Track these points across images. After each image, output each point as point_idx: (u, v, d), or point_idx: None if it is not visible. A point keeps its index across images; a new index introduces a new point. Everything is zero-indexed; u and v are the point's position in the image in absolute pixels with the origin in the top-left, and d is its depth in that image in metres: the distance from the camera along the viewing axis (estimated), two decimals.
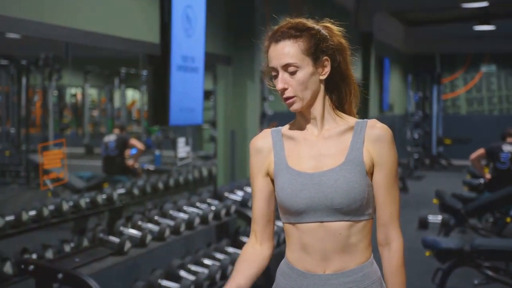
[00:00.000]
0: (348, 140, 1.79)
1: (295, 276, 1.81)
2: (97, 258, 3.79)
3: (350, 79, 1.89)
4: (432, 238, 5.28)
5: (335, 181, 1.74)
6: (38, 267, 3.41)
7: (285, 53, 1.75)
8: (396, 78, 15.86)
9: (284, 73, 1.76)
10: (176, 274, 4.27)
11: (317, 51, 1.78)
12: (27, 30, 3.98)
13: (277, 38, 1.77)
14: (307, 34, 1.78)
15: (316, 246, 1.77)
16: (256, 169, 1.88)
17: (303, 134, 1.84)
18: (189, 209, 4.93)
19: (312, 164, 1.79)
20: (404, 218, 8.63)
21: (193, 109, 5.53)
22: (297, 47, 1.75)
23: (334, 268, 1.77)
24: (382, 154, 1.78)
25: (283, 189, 1.79)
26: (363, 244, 1.79)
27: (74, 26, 4.28)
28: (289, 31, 1.77)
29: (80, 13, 4.40)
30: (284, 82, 1.76)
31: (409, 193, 10.84)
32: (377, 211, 1.82)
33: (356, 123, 1.81)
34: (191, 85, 5.47)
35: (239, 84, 6.56)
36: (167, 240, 4.34)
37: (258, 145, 1.88)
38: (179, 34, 5.23)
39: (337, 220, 1.75)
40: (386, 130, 1.81)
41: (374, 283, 1.81)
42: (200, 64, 5.57)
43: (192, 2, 5.39)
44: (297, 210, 1.77)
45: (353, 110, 1.90)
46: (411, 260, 6.27)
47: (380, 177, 1.78)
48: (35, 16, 3.94)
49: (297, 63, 1.75)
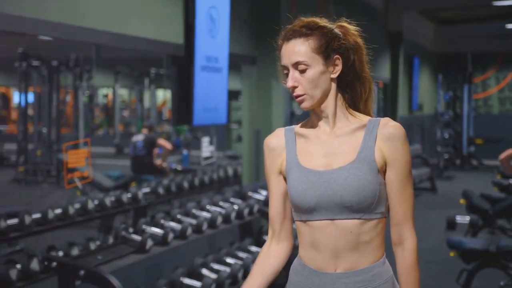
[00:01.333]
0: (360, 138, 1.79)
1: (306, 273, 1.82)
2: (119, 256, 3.84)
3: (365, 78, 1.88)
4: (457, 239, 5.22)
5: (345, 179, 1.74)
6: (60, 264, 3.47)
7: (295, 51, 1.76)
8: (426, 78, 15.72)
9: (294, 71, 1.77)
10: (198, 272, 4.30)
11: (328, 50, 1.78)
12: (58, 32, 4.08)
13: (289, 37, 1.78)
14: (318, 33, 1.78)
15: (326, 243, 1.77)
16: (270, 168, 1.90)
17: (315, 132, 1.85)
18: (212, 208, 4.96)
19: (323, 162, 1.79)
20: (432, 218, 8.57)
21: (217, 108, 5.57)
22: (307, 46, 1.76)
23: (345, 267, 1.78)
24: (394, 153, 1.77)
25: (294, 186, 1.80)
26: (374, 242, 1.78)
27: (101, 28, 4.35)
28: (300, 30, 1.78)
29: (108, 16, 4.47)
30: (294, 80, 1.77)
31: (438, 194, 10.74)
32: (390, 210, 1.81)
33: (369, 121, 1.81)
34: (215, 85, 5.51)
35: (264, 84, 6.58)
36: (189, 239, 4.37)
37: (272, 144, 1.90)
38: (203, 35, 5.27)
39: (347, 218, 1.75)
40: (399, 128, 1.79)
41: (385, 283, 1.79)
42: (224, 64, 5.61)
43: (216, 3, 5.43)
44: (307, 207, 1.78)
45: (368, 109, 1.89)
46: (436, 261, 6.23)
47: (393, 176, 1.77)
48: (66, 19, 4.03)
49: (307, 61, 1.76)
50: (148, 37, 4.93)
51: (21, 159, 11.02)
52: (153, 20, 5.01)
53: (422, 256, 6.85)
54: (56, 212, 4.65)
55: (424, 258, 6.34)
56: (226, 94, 5.75)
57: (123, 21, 4.64)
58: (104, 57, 14.60)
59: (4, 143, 13.98)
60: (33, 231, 4.46)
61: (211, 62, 5.43)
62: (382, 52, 11.37)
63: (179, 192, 5.84)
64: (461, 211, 8.22)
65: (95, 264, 3.63)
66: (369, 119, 1.83)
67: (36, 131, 11.34)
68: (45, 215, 4.55)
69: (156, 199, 5.60)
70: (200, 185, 6.09)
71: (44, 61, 10.57)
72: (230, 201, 5.27)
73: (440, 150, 13.37)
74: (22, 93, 11.28)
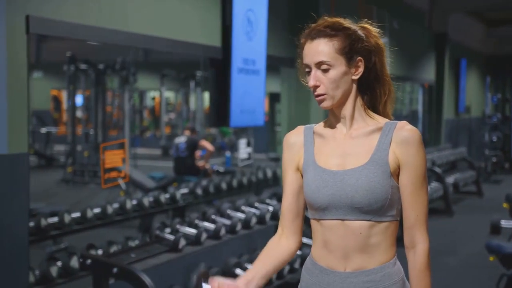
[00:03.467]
0: (375, 140, 1.80)
1: (317, 272, 1.84)
2: (152, 255, 3.92)
3: (385, 80, 1.88)
4: (496, 243, 5.12)
5: (357, 180, 1.75)
6: (95, 261, 3.56)
7: (319, 51, 1.77)
8: (474, 80, 15.43)
9: (317, 71, 1.78)
10: (231, 272, 4.34)
11: (351, 51, 1.79)
12: (105, 37, 4.22)
13: (313, 36, 1.79)
14: (343, 34, 1.79)
15: (337, 243, 1.79)
16: (287, 164, 1.92)
17: (333, 132, 1.86)
18: (247, 209, 5.01)
19: (337, 162, 1.80)
20: (476, 223, 8.42)
21: (254, 110, 5.61)
22: (332, 46, 1.77)
23: (354, 267, 1.79)
24: (408, 156, 1.77)
25: (308, 185, 1.82)
26: (384, 244, 1.78)
27: (143, 33, 4.47)
28: (324, 30, 1.79)
29: (149, 21, 4.59)
30: (316, 79, 1.78)
31: (484, 197, 10.54)
32: (403, 214, 1.81)
33: (386, 124, 1.81)
34: (252, 87, 5.56)
35: (303, 86, 6.58)
36: (223, 239, 4.43)
37: (291, 141, 1.92)
38: (240, 38, 5.33)
39: (357, 219, 1.76)
40: (414, 132, 1.79)
41: (395, 284, 1.79)
42: (261, 66, 5.66)
43: (254, 6, 5.48)
44: (319, 206, 1.79)
45: (387, 111, 1.89)
46: (478, 265, 6.12)
47: (406, 179, 1.77)
48: (112, 25, 4.16)
49: (330, 62, 1.77)
50: (187, 40, 5.02)
51: (69, 160, 11.31)
52: (192, 24, 5.09)
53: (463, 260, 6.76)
54: (95, 212, 4.78)
55: (466, 263, 6.28)
56: (264, 96, 5.79)
57: (162, 25, 4.74)
58: (151, 61, 14.85)
59: (54, 145, 14.34)
60: (73, 229, 4.60)
61: (248, 64, 5.49)
62: (427, 54, 11.22)
63: (217, 193, 5.92)
64: (507, 216, 8.05)
65: (128, 262, 3.71)
66: (386, 122, 1.83)
67: (83, 133, 11.61)
68: (84, 214, 4.69)
69: (194, 200, 5.69)
70: (238, 187, 6.15)
71: (91, 64, 10.82)
72: (265, 202, 5.30)
73: (488, 153, 13.11)
74: (71, 95, 11.58)
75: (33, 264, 4.01)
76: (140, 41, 4.59)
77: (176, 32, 4.90)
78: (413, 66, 10.44)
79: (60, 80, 14.87)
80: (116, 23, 4.23)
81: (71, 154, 11.37)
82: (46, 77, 17.62)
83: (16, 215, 3.47)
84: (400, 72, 9.91)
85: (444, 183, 8.87)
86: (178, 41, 4.92)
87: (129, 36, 4.39)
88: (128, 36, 4.37)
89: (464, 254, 6.69)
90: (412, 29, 10.25)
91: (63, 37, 4.26)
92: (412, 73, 10.51)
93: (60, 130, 15.94)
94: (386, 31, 9.02)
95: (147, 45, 4.85)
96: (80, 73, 11.19)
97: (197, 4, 5.16)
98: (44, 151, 13.79)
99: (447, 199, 8.86)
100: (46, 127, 14.43)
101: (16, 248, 3.50)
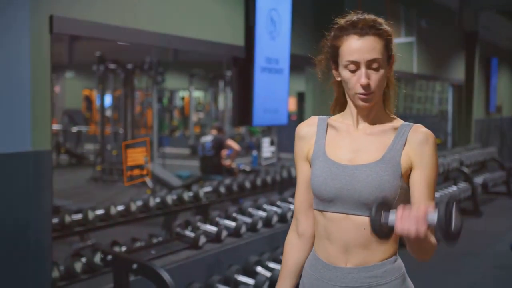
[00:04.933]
0: (389, 140, 1.80)
1: (320, 267, 1.85)
2: (172, 251, 3.96)
3: (393, 78, 1.89)
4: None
5: (367, 176, 1.75)
6: (115, 257, 3.61)
7: (373, 48, 1.73)
8: (505, 79, 15.20)
9: (367, 69, 1.75)
10: (252, 270, 4.37)
11: (390, 50, 1.79)
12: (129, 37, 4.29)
13: (361, 32, 1.75)
14: (385, 33, 1.78)
15: (339, 236, 1.79)
16: (299, 155, 1.92)
17: (347, 126, 1.86)
18: (269, 207, 5.02)
19: (349, 157, 1.80)
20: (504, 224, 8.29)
21: (277, 110, 5.63)
22: (382, 44, 1.75)
23: (355, 262, 1.79)
24: (422, 157, 1.77)
25: (316, 176, 1.82)
26: (386, 242, 1.76)
27: (166, 32, 4.52)
28: (374, 26, 1.75)
29: (173, 20, 4.64)
30: (368, 78, 1.75)
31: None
32: None
33: (401, 125, 1.82)
34: (275, 87, 5.57)
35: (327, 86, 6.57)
36: (244, 237, 4.45)
37: (303, 131, 1.92)
38: (263, 37, 5.35)
39: (363, 214, 1.75)
40: (429, 135, 1.79)
41: (396, 280, 1.80)
42: (285, 65, 5.67)
43: (277, 5, 5.50)
44: (326, 198, 1.80)
45: (390, 107, 1.91)
46: (504, 267, 6.05)
47: (419, 178, 1.77)
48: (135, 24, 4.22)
49: (381, 60, 1.75)
50: (210, 40, 5.06)
51: (98, 159, 11.47)
52: (215, 23, 5.13)
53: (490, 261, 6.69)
54: (119, 209, 4.85)
55: (492, 264, 6.20)
56: (287, 95, 5.80)
57: (186, 25, 4.79)
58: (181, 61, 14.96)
59: (85, 144, 14.55)
60: (96, 226, 4.67)
61: (271, 63, 5.50)
62: (456, 53, 11.10)
63: (241, 191, 5.94)
64: None
65: (148, 259, 3.76)
66: (402, 123, 1.83)
67: (112, 132, 11.76)
68: (108, 212, 4.75)
69: (218, 198, 5.72)
70: (262, 185, 6.17)
71: (119, 64, 10.95)
72: (287, 201, 5.31)
73: None
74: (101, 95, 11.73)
75: (59, 260, 4.09)
76: (164, 41, 4.64)
77: (200, 31, 4.94)
78: (442, 65, 10.33)
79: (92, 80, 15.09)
80: (140, 22, 4.29)
81: (100, 153, 11.53)
82: (78, 77, 17.88)
83: (39, 211, 3.54)
84: (429, 71, 9.82)
85: (472, 183, 8.76)
86: (202, 41, 4.96)
87: (152, 36, 4.44)
88: (151, 36, 4.43)
89: (491, 255, 6.61)
90: (441, 27, 10.15)
91: (87, 36, 4.33)
92: (441, 72, 10.40)
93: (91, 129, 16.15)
94: (413, 29, 8.95)
95: (170, 45, 4.89)
96: (109, 72, 11.34)
97: (221, 3, 5.19)
98: (75, 149, 13.99)
99: (475, 199, 8.75)
100: (77, 126, 14.65)
101: (40, 244, 3.57)
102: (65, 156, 13.72)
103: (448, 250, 6.64)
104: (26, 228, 3.47)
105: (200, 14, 4.96)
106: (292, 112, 14.37)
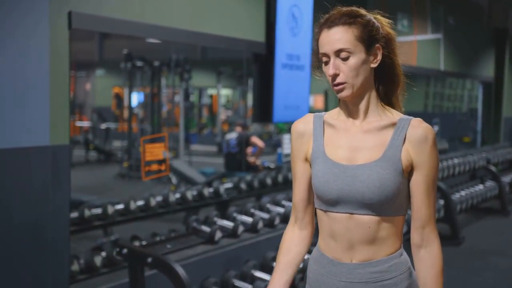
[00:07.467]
0: (388, 136, 1.77)
1: (324, 263, 1.84)
2: (188, 246, 3.98)
3: (398, 72, 1.84)
4: None
5: (368, 176, 1.72)
6: (130, 251, 3.64)
7: (338, 39, 1.73)
8: None
9: (336, 59, 1.74)
10: (269, 265, 4.36)
11: (370, 39, 1.75)
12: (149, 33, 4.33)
13: (330, 25, 1.76)
14: (361, 21, 1.75)
15: (343, 235, 1.78)
16: (296, 154, 1.90)
17: (344, 123, 1.82)
18: (287, 203, 5.01)
19: (348, 156, 1.78)
20: None
21: (298, 106, 5.61)
22: (351, 33, 1.73)
23: (360, 258, 1.78)
24: (422, 156, 1.74)
25: (317, 177, 1.80)
26: (392, 237, 1.77)
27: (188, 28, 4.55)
28: (342, 18, 1.75)
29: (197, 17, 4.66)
30: (335, 68, 1.73)
31: None
32: (414, 213, 1.78)
33: (399, 120, 1.78)
34: (296, 83, 5.56)
35: None
36: (261, 233, 4.45)
37: (300, 129, 1.89)
38: (284, 33, 5.34)
39: (367, 214, 1.74)
40: (429, 131, 1.75)
41: (402, 274, 1.78)
42: (306, 62, 5.65)
43: (299, 2, 5.48)
44: (328, 199, 1.78)
45: (399, 104, 1.86)
46: None
47: (420, 179, 1.75)
48: (155, 20, 4.26)
49: (350, 49, 1.72)
50: (231, 36, 5.06)
51: (125, 156, 11.58)
52: (236, 19, 5.13)
53: None
54: (139, 204, 4.89)
55: None
56: (308, 91, 5.78)
57: (207, 21, 4.80)
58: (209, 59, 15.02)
59: (113, 141, 14.70)
60: (115, 220, 4.72)
61: (292, 60, 5.49)
62: (486, 50, 10.93)
63: (262, 188, 5.94)
64: None
65: (163, 253, 3.78)
66: (400, 117, 1.79)
67: (139, 129, 11.86)
68: (127, 206, 4.80)
69: (238, 195, 5.73)
70: (283, 182, 6.16)
71: (147, 62, 11.04)
72: None
73: None
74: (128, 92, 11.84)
75: (80, 255, 4.15)
76: (184, 36, 4.65)
77: (221, 27, 4.95)
78: (471, 62, 10.19)
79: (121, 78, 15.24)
80: (160, 18, 4.32)
81: (127, 149, 11.64)
82: (108, 74, 18.07)
83: (57, 205, 3.59)
84: (456, 69, 9.69)
85: (500, 182, 8.63)
86: (223, 37, 4.97)
87: (172, 32, 4.46)
88: (171, 32, 4.45)
89: None
90: (470, 24, 10.00)
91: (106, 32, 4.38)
92: (470, 69, 10.26)
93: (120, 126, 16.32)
94: (440, 26, 8.84)
95: (191, 40, 4.91)
96: (137, 70, 11.43)
97: (241, 1, 5.19)
98: (103, 146, 14.15)
99: (502, 198, 8.62)
100: (106, 123, 14.80)
101: (57, 237, 3.62)
102: (94, 152, 13.88)
103: (474, 249, 6.56)
104: (44, 222, 3.52)
105: (221, 10, 4.97)
106: (319, 110, 14.31)
